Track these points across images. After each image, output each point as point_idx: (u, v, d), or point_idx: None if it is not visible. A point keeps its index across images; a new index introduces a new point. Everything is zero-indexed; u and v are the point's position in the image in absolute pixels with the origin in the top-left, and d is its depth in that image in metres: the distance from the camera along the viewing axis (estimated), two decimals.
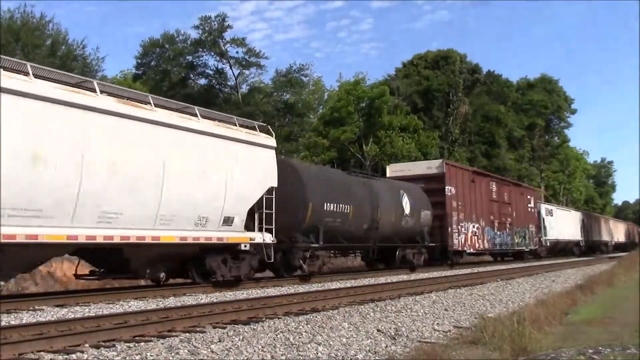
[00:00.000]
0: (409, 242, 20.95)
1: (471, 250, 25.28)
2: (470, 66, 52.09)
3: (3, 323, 7.39)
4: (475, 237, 25.55)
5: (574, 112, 69.33)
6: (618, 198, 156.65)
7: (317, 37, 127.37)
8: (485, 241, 26.56)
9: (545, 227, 36.45)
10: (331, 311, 9.05)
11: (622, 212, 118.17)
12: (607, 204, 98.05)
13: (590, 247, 48.43)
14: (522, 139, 58.38)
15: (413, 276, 18.36)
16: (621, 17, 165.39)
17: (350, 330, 7.62)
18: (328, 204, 16.41)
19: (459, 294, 12.62)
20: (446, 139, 46.12)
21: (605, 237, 55.59)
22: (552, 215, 38.32)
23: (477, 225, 25.82)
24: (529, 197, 34.23)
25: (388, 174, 24.45)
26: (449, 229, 23.19)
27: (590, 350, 6.26)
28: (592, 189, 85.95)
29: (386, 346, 6.94)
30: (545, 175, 65.00)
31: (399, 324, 8.43)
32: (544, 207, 37.51)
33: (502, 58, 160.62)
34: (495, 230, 27.92)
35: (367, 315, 8.86)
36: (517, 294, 13.61)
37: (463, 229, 24.33)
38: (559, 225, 39.31)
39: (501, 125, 53.23)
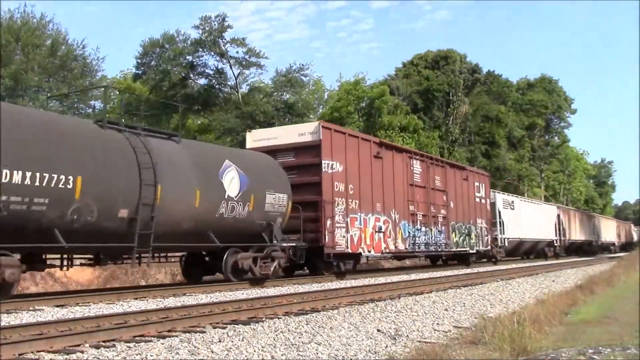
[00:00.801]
0: (249, 242, 14.11)
1: (373, 252, 18.52)
2: (470, 66, 52.16)
3: (3, 323, 7.38)
4: (381, 235, 18.64)
5: (574, 112, 69.58)
6: (618, 198, 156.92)
7: (317, 37, 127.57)
8: (399, 240, 19.71)
9: (502, 223, 29.76)
10: (331, 311, 9.05)
11: (622, 212, 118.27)
12: (607, 204, 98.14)
13: (568, 249, 42.83)
14: (522, 139, 58.44)
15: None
16: (621, 17, 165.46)
17: (350, 330, 7.62)
18: (9, 172, 9.22)
19: (459, 294, 12.62)
20: (446, 139, 46.15)
21: (589, 237, 48.55)
22: (512, 209, 31.73)
23: (384, 219, 18.89)
24: (477, 183, 26.81)
25: (248, 145, 17.58)
26: (327, 223, 16.12)
27: (590, 350, 6.27)
28: (592, 189, 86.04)
29: (386, 346, 6.95)
30: (545, 175, 65.10)
31: (399, 324, 8.43)
32: (500, 198, 30.79)
33: (502, 58, 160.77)
34: (418, 226, 21.04)
35: (367, 315, 8.86)
36: (517, 294, 13.62)
37: (356, 222, 17.46)
38: (523, 221, 32.63)
39: (501, 125, 53.28)
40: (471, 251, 25.48)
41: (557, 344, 6.96)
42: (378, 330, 7.78)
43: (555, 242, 38.53)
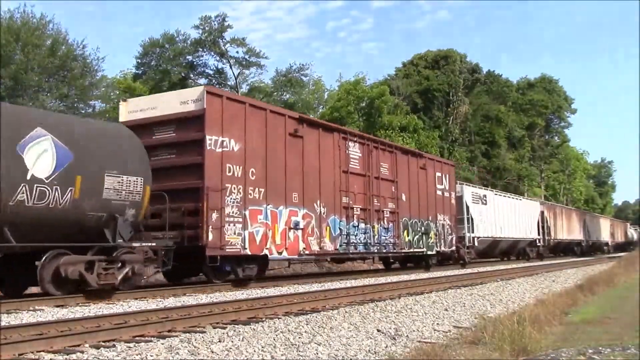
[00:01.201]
0: (86, 241, 10.47)
1: (286, 254, 14.88)
2: (470, 66, 52.18)
3: (3, 323, 7.38)
4: (299, 233, 15.15)
5: (574, 112, 69.73)
6: (618, 198, 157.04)
7: (317, 37, 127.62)
8: (326, 239, 16.25)
9: (472, 220, 26.16)
10: (331, 311, 9.06)
11: (622, 212, 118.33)
12: (607, 204, 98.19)
13: (555, 249, 40.05)
14: (522, 139, 58.48)
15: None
16: (621, 17, 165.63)
17: (350, 330, 7.62)
18: None
19: (459, 294, 12.63)
20: (446, 138, 46.15)
21: (578, 236, 44.98)
22: (484, 203, 28.01)
23: (303, 212, 15.40)
24: (438, 174, 23.22)
25: (122, 118, 14.02)
26: (211, 216, 12.66)
27: (590, 350, 6.27)
28: (592, 189, 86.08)
29: (386, 346, 6.95)
30: (545, 175, 65.14)
31: (399, 324, 8.44)
32: (469, 192, 27.03)
33: (502, 58, 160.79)
34: (355, 222, 17.46)
35: (367, 315, 8.86)
36: (517, 294, 13.63)
37: (260, 216, 13.99)
38: (498, 218, 29.28)
39: (501, 125, 53.31)
40: (430, 252, 21.96)
41: (557, 344, 6.96)
42: (378, 330, 7.78)
43: (538, 241, 35.28)
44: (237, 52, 37.46)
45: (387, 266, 23.44)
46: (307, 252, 15.55)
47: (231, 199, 13.18)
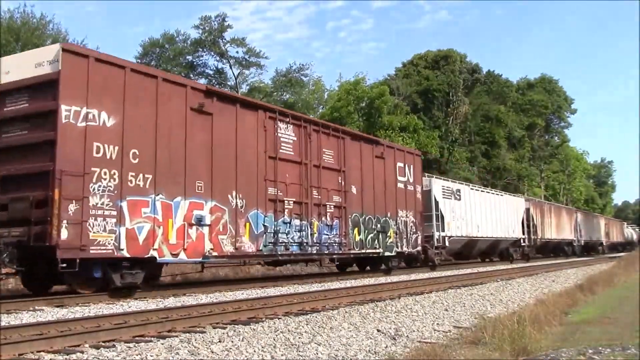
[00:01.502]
0: None
1: (184, 255, 11.92)
2: (470, 66, 52.23)
3: (3, 323, 7.38)
4: (205, 230, 12.44)
5: (574, 112, 69.85)
6: (618, 198, 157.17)
7: (317, 37, 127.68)
8: (244, 238, 13.59)
9: (442, 217, 23.04)
10: (331, 311, 9.06)
11: (622, 212, 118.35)
12: (607, 204, 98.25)
13: (542, 249, 37.29)
14: (522, 139, 58.53)
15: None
16: (621, 17, 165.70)
17: (350, 331, 7.62)
18: None
19: (459, 294, 12.63)
20: (446, 138, 46.18)
21: (569, 235, 41.89)
22: (458, 199, 24.75)
23: (211, 205, 12.72)
24: (400, 164, 20.27)
25: None
26: (67, 208, 9.88)
27: (590, 350, 6.27)
28: (592, 189, 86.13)
29: (386, 346, 6.95)
30: (545, 175, 65.18)
31: (399, 324, 8.44)
32: (439, 185, 23.74)
33: (502, 58, 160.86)
34: (286, 218, 14.85)
35: (367, 315, 8.86)
36: (517, 294, 13.63)
37: (146, 209, 11.20)
38: (475, 215, 26.15)
39: (501, 125, 53.34)
40: (388, 253, 19.13)
41: (557, 344, 6.96)
42: (378, 330, 7.78)
43: (523, 241, 32.13)
44: (237, 52, 37.56)
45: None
46: (214, 253, 12.72)
47: (100, 186, 10.47)
